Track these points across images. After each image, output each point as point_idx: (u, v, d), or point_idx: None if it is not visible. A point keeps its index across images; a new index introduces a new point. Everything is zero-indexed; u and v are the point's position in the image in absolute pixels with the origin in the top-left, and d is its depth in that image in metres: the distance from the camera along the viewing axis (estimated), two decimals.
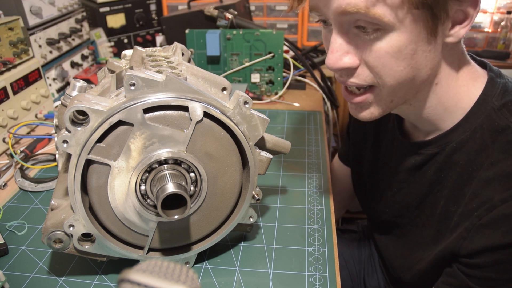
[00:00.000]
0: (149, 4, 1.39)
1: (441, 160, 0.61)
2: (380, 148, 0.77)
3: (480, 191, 0.55)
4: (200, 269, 0.60)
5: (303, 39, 1.55)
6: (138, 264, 0.30)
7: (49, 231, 0.52)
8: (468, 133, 0.57)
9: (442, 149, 0.60)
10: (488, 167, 0.55)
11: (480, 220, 0.54)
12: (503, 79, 0.58)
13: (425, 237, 0.66)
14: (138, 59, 0.61)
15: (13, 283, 0.57)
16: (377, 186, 0.78)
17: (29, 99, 0.97)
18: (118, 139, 0.49)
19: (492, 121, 0.55)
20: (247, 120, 0.53)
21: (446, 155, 0.60)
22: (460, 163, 0.58)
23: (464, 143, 0.58)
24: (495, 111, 0.55)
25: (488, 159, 0.55)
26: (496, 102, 0.56)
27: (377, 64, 0.51)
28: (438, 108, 0.58)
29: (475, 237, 0.55)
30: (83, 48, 1.26)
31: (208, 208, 0.56)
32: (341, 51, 0.51)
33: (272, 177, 0.80)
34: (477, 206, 0.55)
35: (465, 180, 0.57)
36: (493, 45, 1.53)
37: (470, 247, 0.55)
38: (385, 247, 0.80)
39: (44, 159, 0.86)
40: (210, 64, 1.16)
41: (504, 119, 0.55)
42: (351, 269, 0.96)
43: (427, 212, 0.65)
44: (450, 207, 0.60)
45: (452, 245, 0.58)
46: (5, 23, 0.92)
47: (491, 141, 0.55)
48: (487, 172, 0.55)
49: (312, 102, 1.12)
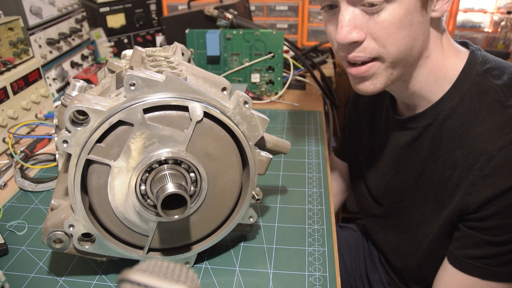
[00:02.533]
0: (149, 4, 1.39)
1: (434, 129, 0.65)
2: (376, 136, 0.80)
3: (473, 146, 0.59)
4: (200, 269, 0.60)
5: (303, 39, 1.55)
6: (138, 264, 0.30)
7: (49, 231, 0.52)
8: (457, 99, 0.62)
9: (434, 119, 0.65)
10: (478, 124, 0.59)
11: (482, 172, 0.57)
12: (482, 52, 0.65)
13: (425, 214, 0.68)
14: (138, 59, 0.61)
15: (13, 283, 0.57)
16: (376, 172, 0.80)
17: (29, 99, 0.97)
18: (118, 139, 0.49)
19: (477, 85, 0.61)
20: (247, 120, 0.53)
21: (439, 124, 0.64)
22: (452, 128, 0.62)
23: (454, 108, 0.62)
24: (479, 76, 0.61)
25: (477, 118, 0.60)
26: (479, 69, 0.62)
27: (382, 34, 0.56)
28: (430, 80, 0.64)
29: (481, 189, 0.57)
30: (83, 48, 1.26)
31: (208, 208, 0.56)
32: (350, 26, 0.57)
33: (272, 177, 0.80)
34: (474, 160, 0.58)
35: (457, 143, 0.61)
36: (493, 45, 1.53)
37: (478, 199, 0.58)
38: (385, 240, 0.81)
39: (44, 159, 0.86)
40: (210, 64, 1.16)
41: (488, 81, 0.61)
42: (352, 267, 0.96)
43: (424, 188, 0.68)
44: (445, 172, 0.63)
45: (458, 206, 0.60)
46: (5, 23, 0.92)
47: (478, 102, 0.60)
48: (477, 129, 0.59)
49: (312, 102, 1.12)
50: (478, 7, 1.50)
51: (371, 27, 0.57)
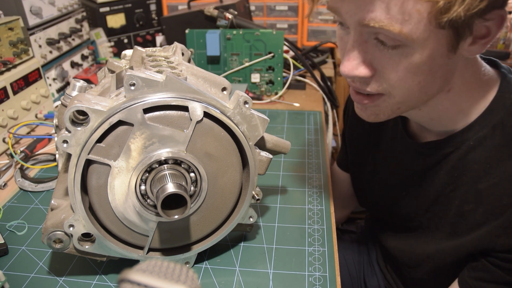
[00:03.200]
0: (149, 4, 1.39)
1: (455, 159, 0.60)
2: (380, 151, 0.76)
3: (507, 188, 0.54)
4: (200, 269, 0.60)
5: (303, 39, 1.55)
6: (138, 264, 0.30)
7: (49, 231, 0.52)
8: (486, 130, 0.56)
9: (457, 148, 0.59)
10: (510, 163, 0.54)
11: None
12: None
13: (437, 238, 0.65)
14: (138, 59, 0.61)
15: (13, 283, 0.57)
16: (382, 190, 0.76)
17: (29, 99, 0.97)
18: (118, 139, 0.49)
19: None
20: (247, 120, 0.53)
21: (462, 154, 0.59)
22: (478, 160, 0.57)
23: (482, 140, 0.57)
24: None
25: (510, 155, 0.54)
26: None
27: (393, 77, 0.50)
28: (451, 111, 0.58)
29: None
30: (83, 48, 1.26)
31: (208, 208, 0.56)
32: (357, 60, 0.50)
33: (272, 177, 0.80)
34: (508, 203, 0.54)
35: (481, 177, 0.57)
36: (493, 45, 1.53)
37: (509, 243, 0.55)
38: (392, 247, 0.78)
39: (44, 159, 0.86)
40: (210, 64, 1.16)
41: None
42: (351, 269, 0.96)
43: (439, 214, 0.64)
44: (465, 206, 0.59)
45: (482, 244, 0.58)
46: (5, 23, 0.92)
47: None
48: (510, 169, 0.54)
49: (312, 102, 1.12)
50: None
51: (382, 64, 0.50)
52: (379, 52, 0.49)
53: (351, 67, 0.50)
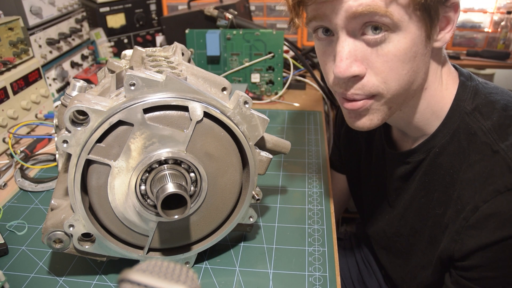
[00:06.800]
0: (149, 4, 1.39)
1: (426, 164, 0.62)
2: (372, 157, 0.77)
3: (463, 193, 0.56)
4: (200, 269, 0.60)
5: (303, 39, 1.55)
6: (138, 264, 0.30)
7: (49, 231, 0.52)
8: (448, 137, 0.59)
9: (427, 155, 0.62)
10: (467, 168, 0.56)
11: (467, 222, 0.55)
12: (473, 82, 0.60)
13: (418, 244, 0.66)
14: (138, 59, 0.61)
15: (13, 283, 0.57)
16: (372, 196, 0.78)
17: (29, 99, 0.97)
18: (118, 139, 0.49)
19: (466, 124, 0.57)
20: (247, 120, 0.53)
21: (430, 160, 0.61)
22: (443, 166, 0.60)
23: (445, 146, 0.59)
24: (467, 115, 0.58)
25: (466, 161, 0.57)
26: (468, 107, 0.58)
27: (384, 68, 0.51)
28: (427, 112, 0.60)
29: (465, 239, 0.55)
30: (83, 48, 1.26)
31: (208, 208, 0.56)
32: (350, 59, 0.51)
33: (272, 177, 0.80)
34: (462, 207, 0.56)
35: (448, 183, 0.59)
36: (493, 45, 1.53)
37: (462, 249, 0.56)
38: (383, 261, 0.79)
39: (44, 159, 0.86)
40: (210, 64, 1.16)
41: (476, 121, 0.57)
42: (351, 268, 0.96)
43: (412, 221, 0.66)
44: (437, 210, 0.61)
45: (446, 249, 0.58)
46: (5, 23, 0.92)
47: (466, 143, 0.57)
48: (466, 174, 0.56)
49: (312, 102, 1.12)
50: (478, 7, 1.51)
51: (373, 60, 0.51)
52: (368, 49, 0.51)
53: (345, 66, 0.50)
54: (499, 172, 0.53)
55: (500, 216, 0.52)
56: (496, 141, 0.55)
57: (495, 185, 0.53)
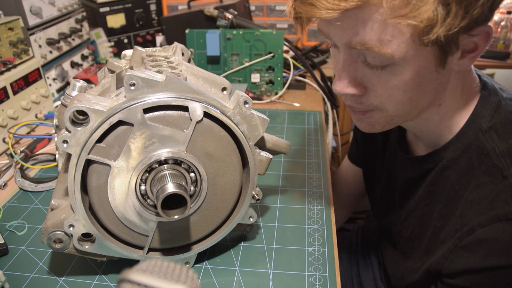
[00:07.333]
0: (149, 4, 1.39)
1: (433, 175, 0.61)
2: (386, 155, 0.78)
3: (464, 212, 0.55)
4: (200, 269, 0.60)
5: (303, 39, 1.55)
6: (138, 264, 0.30)
7: (49, 231, 0.52)
8: (459, 152, 0.57)
9: (435, 165, 0.61)
10: (474, 188, 0.55)
11: (460, 242, 0.54)
12: (496, 97, 0.57)
13: (416, 249, 0.66)
14: (138, 59, 0.61)
15: (13, 283, 0.57)
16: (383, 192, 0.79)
17: (29, 99, 0.97)
18: (118, 139, 0.49)
19: (479, 142, 0.55)
20: (247, 120, 0.53)
21: (438, 171, 0.60)
22: (450, 180, 0.59)
23: (455, 161, 0.58)
24: (482, 133, 0.55)
25: (474, 180, 0.55)
26: (484, 124, 0.56)
27: (383, 93, 0.51)
28: (440, 125, 0.59)
29: (455, 258, 0.55)
30: (83, 48, 1.26)
31: (208, 208, 0.56)
32: (348, 79, 0.52)
33: (272, 177, 0.80)
34: (460, 227, 0.55)
35: (453, 198, 0.58)
36: (493, 45, 1.53)
37: (451, 267, 0.56)
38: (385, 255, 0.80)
39: (44, 159, 0.86)
40: (210, 64, 1.16)
41: (491, 141, 0.54)
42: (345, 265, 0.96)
43: (413, 225, 0.66)
44: (436, 222, 0.61)
45: (436, 263, 0.58)
46: (5, 23, 0.92)
47: (477, 163, 0.55)
48: (472, 194, 0.55)
49: (312, 102, 1.12)
50: None
51: (373, 82, 0.51)
52: (368, 71, 0.51)
53: (342, 86, 0.52)
54: (503, 199, 0.52)
55: (494, 244, 0.52)
56: (509, 166, 0.52)
57: (496, 211, 0.52)
